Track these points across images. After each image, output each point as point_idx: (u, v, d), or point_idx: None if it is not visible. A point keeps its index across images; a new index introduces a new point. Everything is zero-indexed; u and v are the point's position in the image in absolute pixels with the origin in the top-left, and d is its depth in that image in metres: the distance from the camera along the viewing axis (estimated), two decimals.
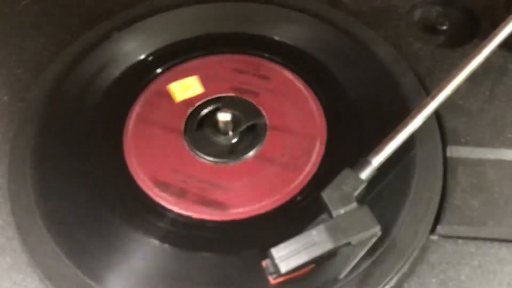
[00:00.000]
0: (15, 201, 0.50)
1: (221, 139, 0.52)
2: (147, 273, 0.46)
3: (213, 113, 0.53)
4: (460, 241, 0.49)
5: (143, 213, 0.49)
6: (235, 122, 0.52)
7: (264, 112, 0.54)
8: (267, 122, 0.53)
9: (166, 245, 0.47)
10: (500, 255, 0.48)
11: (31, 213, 0.49)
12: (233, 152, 0.52)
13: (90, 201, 0.50)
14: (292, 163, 0.51)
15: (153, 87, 0.57)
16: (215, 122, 0.52)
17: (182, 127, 0.53)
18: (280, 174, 0.50)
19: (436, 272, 0.47)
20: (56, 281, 0.46)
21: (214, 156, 0.52)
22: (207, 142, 0.52)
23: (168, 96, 0.56)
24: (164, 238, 0.47)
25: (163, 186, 0.50)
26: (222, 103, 0.54)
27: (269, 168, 0.51)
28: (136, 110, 0.55)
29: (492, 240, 0.49)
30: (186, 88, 0.55)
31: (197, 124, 0.54)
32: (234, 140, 0.52)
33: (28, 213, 0.49)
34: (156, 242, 0.47)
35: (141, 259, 0.46)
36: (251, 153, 0.52)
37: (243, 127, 0.53)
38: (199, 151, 0.52)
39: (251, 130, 0.53)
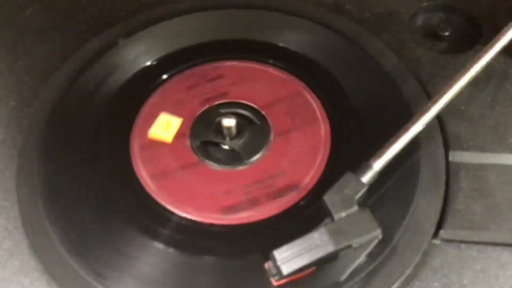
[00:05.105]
0: (23, 205, 0.50)
1: (225, 145, 0.53)
2: (153, 277, 0.46)
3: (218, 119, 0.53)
4: (462, 245, 0.49)
5: (149, 217, 0.49)
6: (239, 127, 0.53)
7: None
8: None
9: (171, 250, 0.47)
10: (502, 259, 0.48)
11: (39, 217, 0.49)
12: (238, 157, 0.52)
13: (97, 205, 0.50)
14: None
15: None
16: (220, 127, 0.53)
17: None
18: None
19: (439, 276, 0.47)
20: (63, 285, 0.46)
21: (218, 161, 0.52)
22: (212, 147, 0.53)
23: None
24: (169, 242, 0.48)
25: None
26: (225, 108, 0.55)
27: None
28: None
29: (494, 244, 0.49)
30: (165, 126, 0.53)
31: (203, 129, 0.54)
32: (238, 146, 0.53)
33: (36, 218, 0.49)
34: (162, 246, 0.48)
35: (147, 264, 0.47)
36: (255, 158, 0.52)
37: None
38: (203, 155, 0.52)
39: (256, 135, 0.53)
